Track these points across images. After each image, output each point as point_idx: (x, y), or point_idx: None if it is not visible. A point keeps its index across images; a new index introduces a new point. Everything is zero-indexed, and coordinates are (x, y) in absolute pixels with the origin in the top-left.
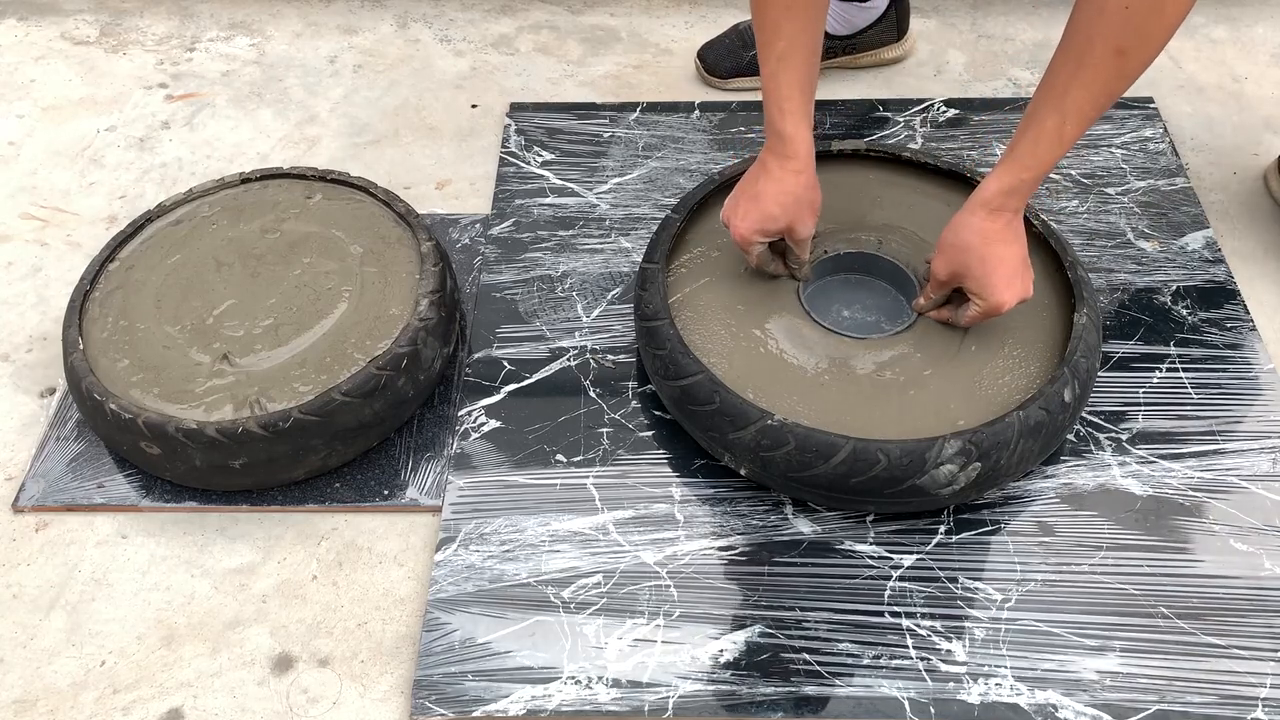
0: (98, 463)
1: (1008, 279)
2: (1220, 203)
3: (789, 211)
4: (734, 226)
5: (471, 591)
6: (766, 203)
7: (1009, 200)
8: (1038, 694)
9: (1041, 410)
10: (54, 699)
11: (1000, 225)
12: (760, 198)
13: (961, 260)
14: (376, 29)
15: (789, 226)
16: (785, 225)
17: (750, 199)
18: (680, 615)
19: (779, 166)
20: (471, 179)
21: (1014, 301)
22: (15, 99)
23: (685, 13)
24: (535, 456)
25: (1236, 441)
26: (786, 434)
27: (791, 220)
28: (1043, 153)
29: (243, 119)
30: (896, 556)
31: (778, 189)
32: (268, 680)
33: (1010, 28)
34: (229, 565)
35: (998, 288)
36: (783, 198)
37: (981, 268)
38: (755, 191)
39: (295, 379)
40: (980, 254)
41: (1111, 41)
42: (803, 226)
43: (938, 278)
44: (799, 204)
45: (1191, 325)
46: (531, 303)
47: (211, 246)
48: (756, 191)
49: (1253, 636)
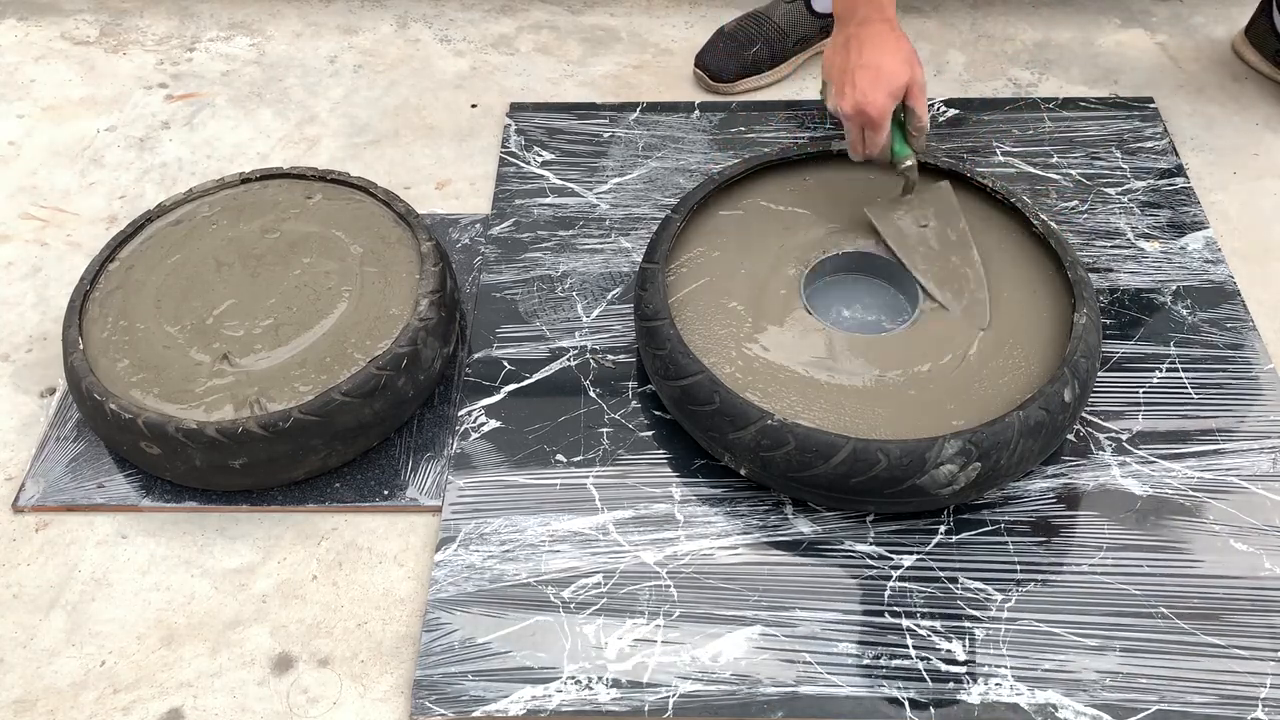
0: (98, 463)
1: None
2: (1220, 203)
3: (911, 63)
4: (864, 102)
5: (471, 591)
6: (889, 63)
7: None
8: (1038, 694)
9: (1041, 410)
10: (54, 699)
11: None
12: (879, 63)
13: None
14: (376, 29)
15: (913, 80)
16: (910, 78)
17: (865, 69)
18: (680, 615)
19: (880, 29)
20: (471, 179)
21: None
22: (15, 99)
23: (685, 13)
24: (535, 456)
25: (1236, 441)
26: (786, 434)
27: (915, 71)
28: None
29: (243, 119)
30: (896, 556)
31: (894, 47)
32: (268, 680)
33: (1010, 28)
34: (229, 565)
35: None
36: (900, 54)
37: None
38: (864, 62)
39: (295, 379)
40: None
41: None
42: (919, 77)
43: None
44: (911, 57)
45: (1191, 325)
46: (531, 303)
47: (211, 246)
48: (866, 61)
49: (1253, 636)
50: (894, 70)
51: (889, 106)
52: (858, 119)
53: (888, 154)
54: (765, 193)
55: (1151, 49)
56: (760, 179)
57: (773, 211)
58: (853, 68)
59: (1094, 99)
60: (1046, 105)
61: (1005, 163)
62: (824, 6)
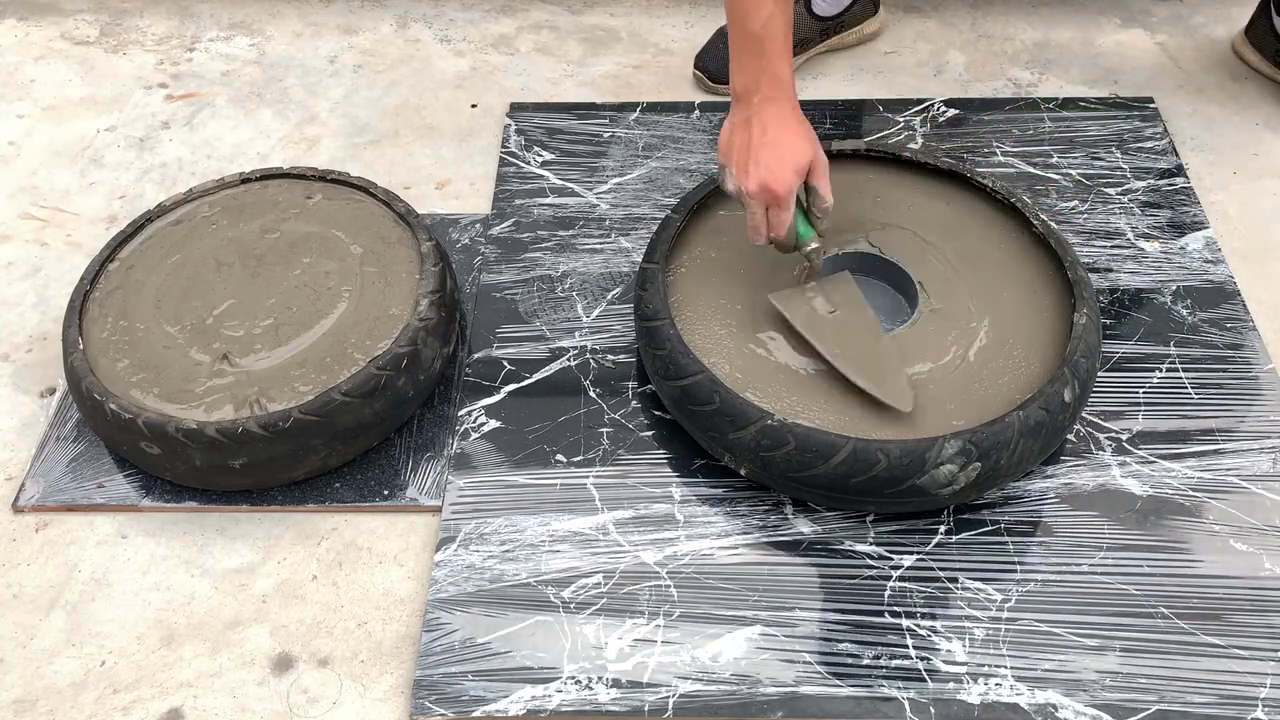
0: (98, 463)
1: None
2: (1220, 203)
3: (813, 141)
4: (769, 180)
5: (471, 591)
6: (792, 140)
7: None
8: (1038, 694)
9: (1041, 410)
10: (54, 699)
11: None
12: (781, 140)
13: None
14: (376, 29)
15: (815, 158)
16: (813, 156)
17: (769, 146)
18: (680, 615)
19: (782, 108)
20: (471, 179)
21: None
22: (15, 99)
23: (685, 13)
24: (535, 456)
25: (1236, 441)
26: (786, 434)
27: (817, 149)
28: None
29: (243, 119)
30: (896, 556)
31: (796, 125)
32: (268, 680)
33: (1010, 28)
34: (229, 565)
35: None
36: (802, 132)
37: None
38: (768, 140)
39: (295, 379)
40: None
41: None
42: (821, 155)
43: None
44: (813, 135)
45: (1191, 325)
46: (531, 303)
47: (211, 246)
48: (769, 139)
49: (1253, 636)
50: (798, 148)
51: (795, 184)
52: (762, 197)
53: (793, 236)
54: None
55: (1151, 49)
56: None
57: None
58: (755, 146)
59: (1094, 99)
60: (1046, 105)
61: (1005, 163)
62: (824, 10)
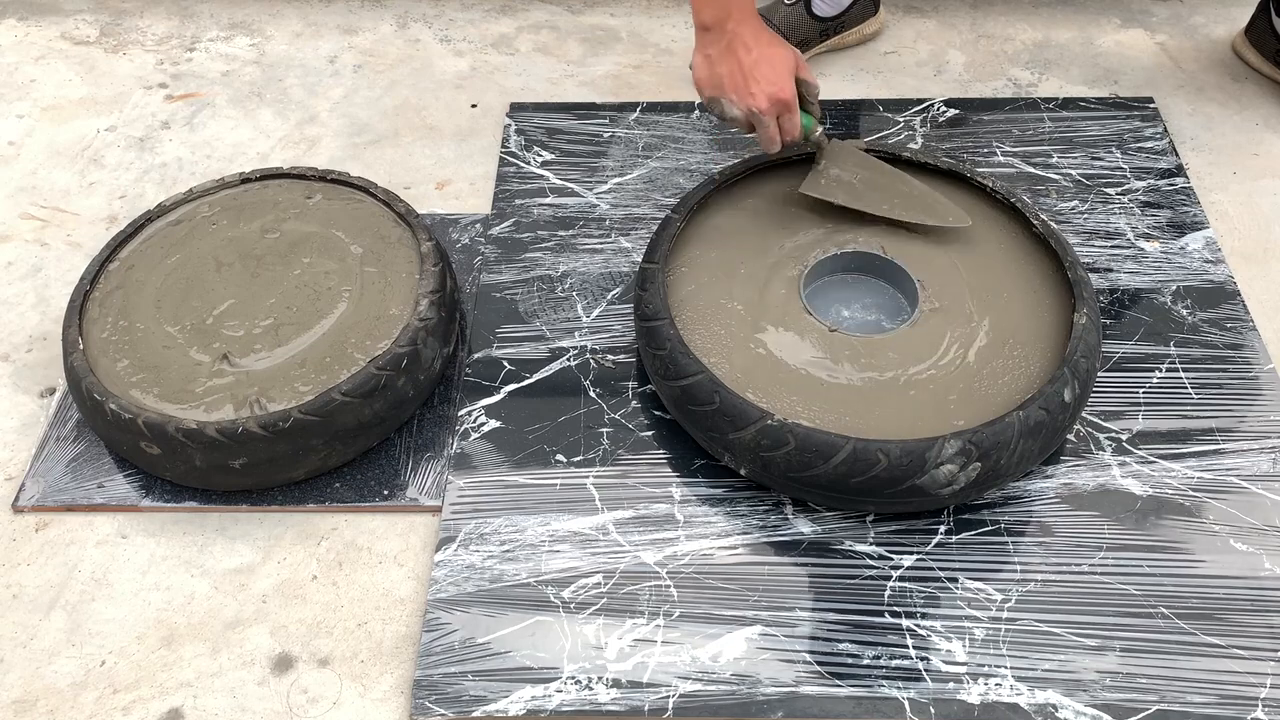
0: (98, 463)
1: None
2: (1220, 203)
3: (789, 45)
4: (776, 90)
5: (471, 591)
6: (776, 49)
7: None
8: (1038, 694)
9: (1041, 410)
10: (54, 699)
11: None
12: (771, 53)
13: (713, 92)
14: (376, 29)
15: (797, 57)
16: (794, 62)
17: (763, 61)
18: (680, 615)
19: (755, 25)
20: (471, 179)
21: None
22: (15, 99)
23: (685, 13)
24: (535, 456)
25: (1236, 441)
26: (786, 434)
27: (794, 49)
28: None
29: (243, 119)
30: (896, 556)
31: (770, 35)
32: (268, 680)
33: (1010, 28)
34: (229, 565)
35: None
36: (776, 38)
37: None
38: (757, 56)
39: (295, 379)
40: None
41: None
42: (798, 52)
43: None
44: (784, 41)
45: (1191, 325)
46: (531, 303)
47: (211, 246)
48: (759, 55)
49: (1253, 636)
50: (784, 54)
51: (794, 87)
52: (774, 109)
53: (804, 132)
54: (765, 193)
55: (1151, 49)
56: (760, 179)
57: (773, 211)
58: (748, 66)
59: (1094, 99)
60: (1046, 105)
61: (1005, 163)
62: (824, 11)
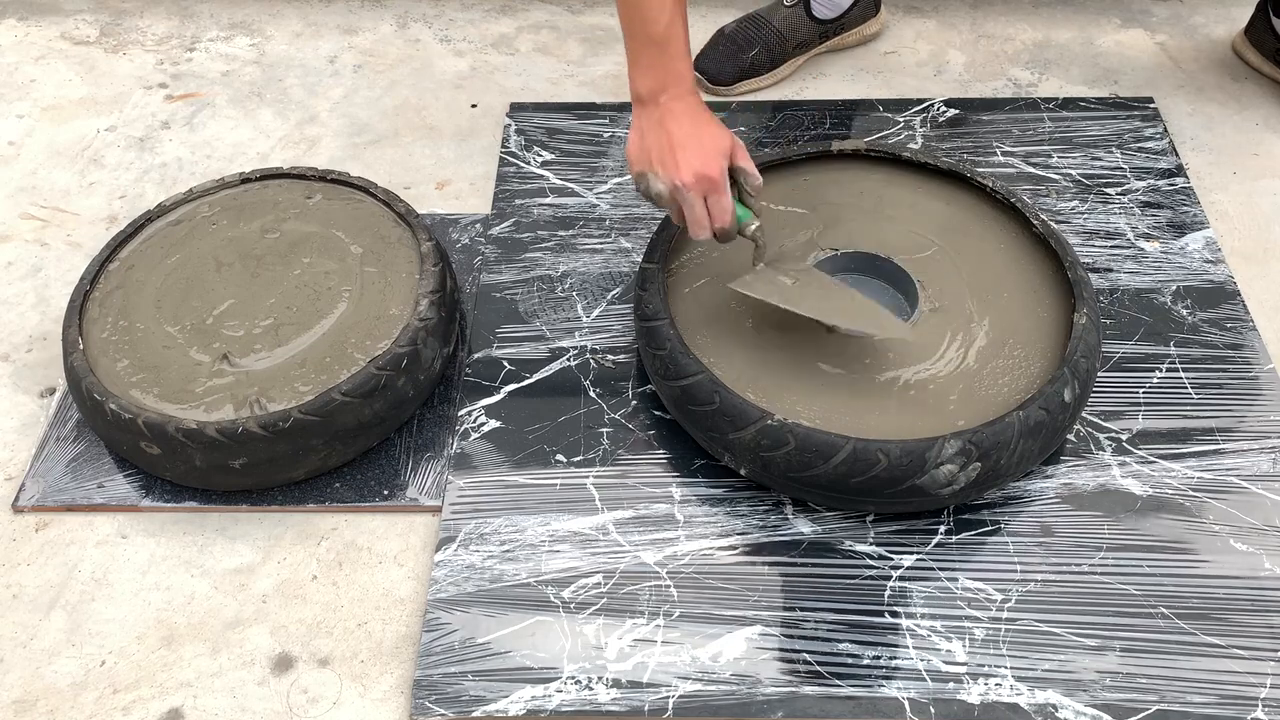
0: (98, 463)
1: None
2: (1220, 203)
3: (721, 129)
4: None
5: (471, 591)
6: (709, 129)
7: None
8: (1038, 694)
9: (1041, 410)
10: (54, 699)
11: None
12: (701, 132)
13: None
14: (376, 29)
15: (733, 141)
16: (731, 141)
17: (692, 138)
18: (680, 615)
19: (691, 102)
20: (471, 179)
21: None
22: (15, 99)
23: None
24: (535, 456)
25: (1236, 441)
26: (786, 434)
27: (731, 134)
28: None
29: (243, 119)
30: (896, 556)
31: (707, 116)
32: (268, 680)
33: (1010, 28)
34: (229, 565)
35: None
36: (713, 120)
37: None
38: (687, 132)
39: (295, 379)
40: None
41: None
42: (737, 139)
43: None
44: (717, 121)
45: (1191, 325)
46: (531, 303)
47: (211, 246)
48: (689, 132)
49: (1253, 636)
50: (717, 134)
51: (725, 168)
52: (700, 187)
53: (735, 222)
54: (765, 193)
55: (1151, 49)
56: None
57: (773, 211)
58: (678, 141)
59: (1094, 99)
60: (1046, 105)
61: (1005, 163)
62: (823, 12)
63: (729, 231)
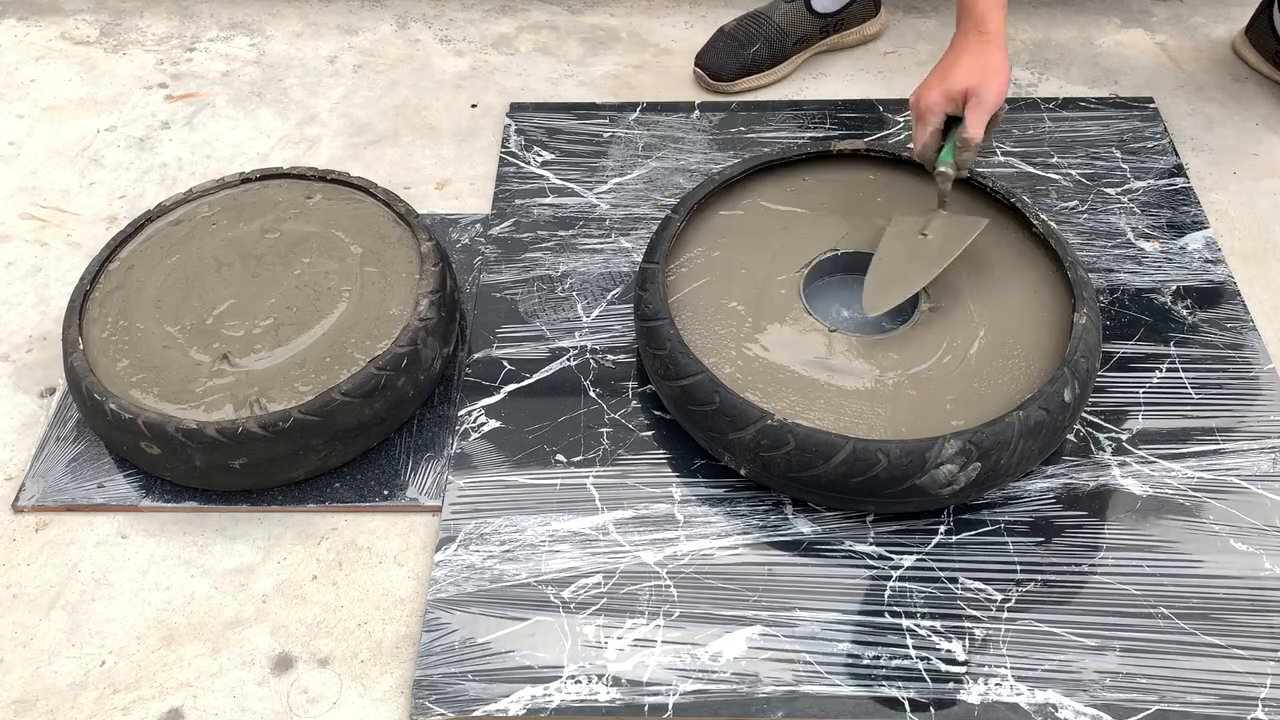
0: (98, 463)
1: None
2: (1220, 203)
3: (973, 74)
4: (918, 94)
5: (471, 591)
6: (955, 70)
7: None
8: (1038, 694)
9: (1041, 410)
10: (54, 699)
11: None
12: (950, 69)
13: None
14: (376, 29)
15: (970, 89)
16: (965, 87)
17: (938, 69)
18: (680, 615)
19: (972, 40)
20: (471, 179)
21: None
22: (15, 99)
23: (685, 13)
24: (535, 456)
25: (1236, 441)
26: (786, 434)
27: (975, 83)
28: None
29: (243, 119)
30: (896, 557)
31: (974, 54)
32: (268, 680)
33: (1010, 28)
34: (229, 565)
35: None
36: (976, 62)
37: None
38: (945, 67)
39: (295, 379)
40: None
41: None
42: (986, 91)
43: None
44: (985, 70)
45: (1191, 325)
46: (531, 303)
47: (211, 246)
48: (946, 66)
49: (1253, 636)
50: (958, 75)
51: (938, 105)
52: (912, 109)
53: (929, 156)
54: (765, 193)
55: (1151, 49)
56: (760, 179)
57: (773, 211)
58: (932, 72)
59: (1094, 99)
60: (1046, 105)
61: (1005, 163)
62: (824, 6)
63: (923, 159)
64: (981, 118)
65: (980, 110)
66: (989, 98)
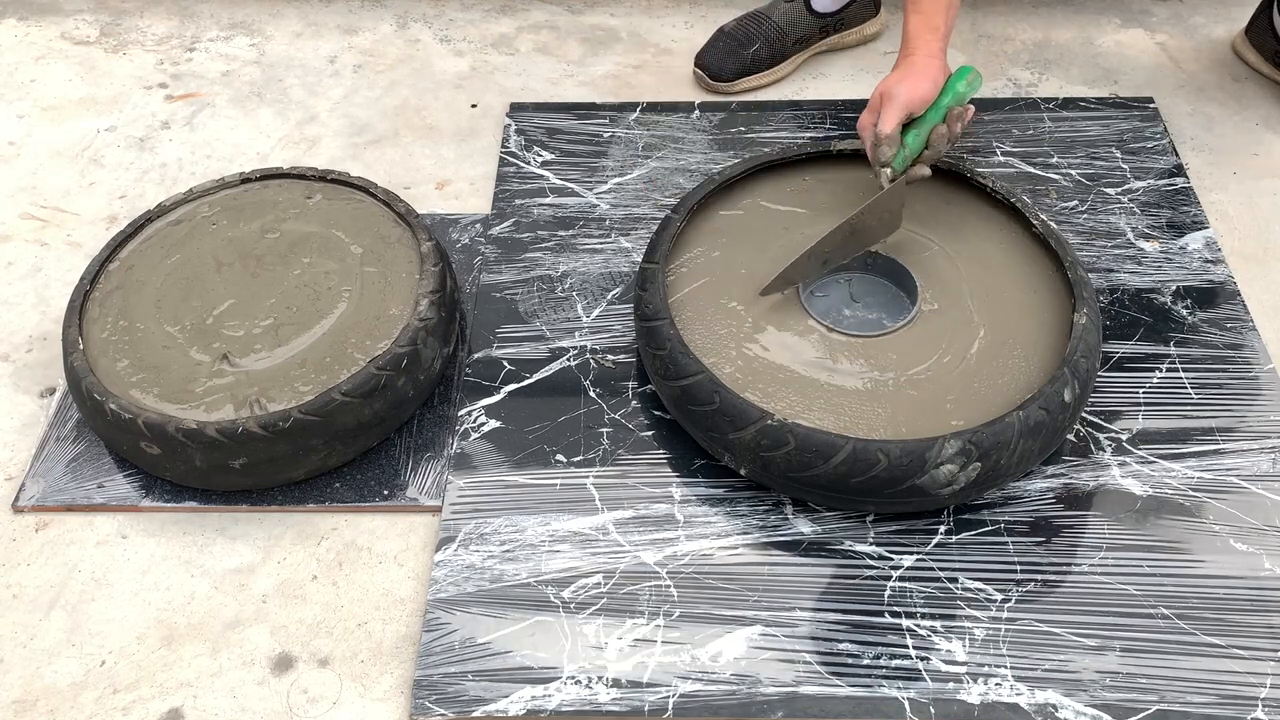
0: (98, 463)
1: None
2: (1220, 203)
3: (888, 82)
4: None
5: (471, 591)
6: (903, 83)
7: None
8: (1038, 694)
9: (1041, 410)
10: (54, 699)
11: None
12: (896, 80)
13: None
14: (376, 29)
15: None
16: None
17: (892, 82)
18: (680, 615)
19: (901, 63)
20: (471, 179)
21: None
22: (15, 99)
23: (685, 13)
24: (535, 456)
25: (1236, 441)
26: (786, 434)
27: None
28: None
29: (243, 119)
30: (896, 557)
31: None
32: (268, 680)
33: (1010, 28)
34: (229, 565)
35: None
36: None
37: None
38: (894, 78)
39: (295, 379)
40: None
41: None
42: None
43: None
44: (902, 76)
45: (1191, 325)
46: (531, 303)
47: (211, 246)
48: (896, 78)
49: (1253, 636)
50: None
51: (866, 120)
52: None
53: (881, 153)
54: (765, 193)
55: (1151, 49)
56: (760, 179)
57: (773, 211)
58: (889, 79)
59: (1094, 99)
60: (1046, 105)
61: (1005, 163)
62: (823, 6)
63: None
64: (891, 114)
65: (891, 107)
66: (899, 94)
